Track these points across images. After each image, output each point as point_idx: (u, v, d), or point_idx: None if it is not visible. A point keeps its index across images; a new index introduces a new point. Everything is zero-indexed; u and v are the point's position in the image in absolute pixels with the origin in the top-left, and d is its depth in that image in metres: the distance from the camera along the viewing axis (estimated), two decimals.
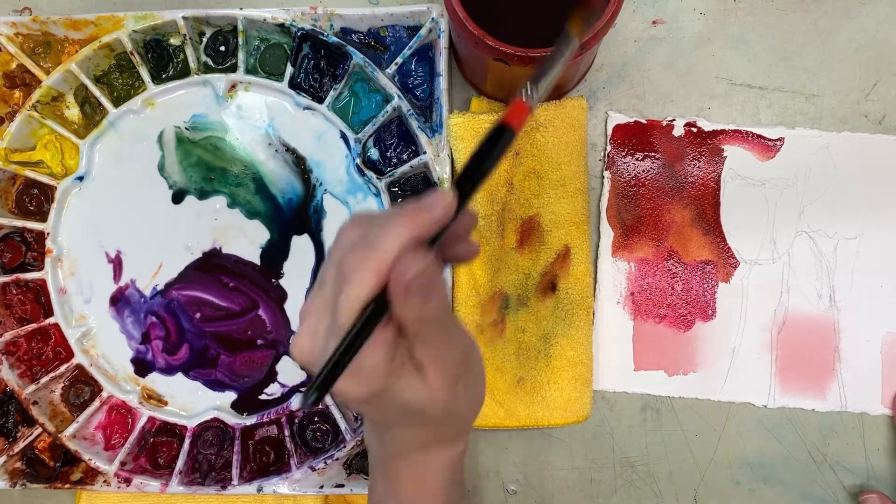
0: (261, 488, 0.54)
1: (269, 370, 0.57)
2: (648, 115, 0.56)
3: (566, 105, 0.53)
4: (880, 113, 0.56)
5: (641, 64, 0.57)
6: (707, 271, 0.55)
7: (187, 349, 0.57)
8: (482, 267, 0.55)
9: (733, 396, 0.55)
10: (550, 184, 0.53)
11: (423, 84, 0.55)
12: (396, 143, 0.56)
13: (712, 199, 0.56)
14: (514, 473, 0.56)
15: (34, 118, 0.56)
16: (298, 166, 0.57)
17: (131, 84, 0.57)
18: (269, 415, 0.56)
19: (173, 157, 0.58)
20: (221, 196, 0.57)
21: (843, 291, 0.55)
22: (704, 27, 0.56)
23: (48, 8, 0.60)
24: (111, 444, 0.56)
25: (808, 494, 0.55)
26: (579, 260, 0.54)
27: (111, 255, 0.58)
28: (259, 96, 0.57)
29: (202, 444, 0.56)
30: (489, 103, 0.56)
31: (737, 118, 0.56)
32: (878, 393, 0.54)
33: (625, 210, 0.56)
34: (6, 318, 0.57)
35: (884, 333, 0.55)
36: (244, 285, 0.57)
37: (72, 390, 0.57)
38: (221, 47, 0.57)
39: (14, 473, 0.56)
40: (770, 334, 0.55)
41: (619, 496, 0.55)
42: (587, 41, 0.43)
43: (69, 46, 0.57)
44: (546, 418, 0.54)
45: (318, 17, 0.54)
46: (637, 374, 0.55)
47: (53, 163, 0.58)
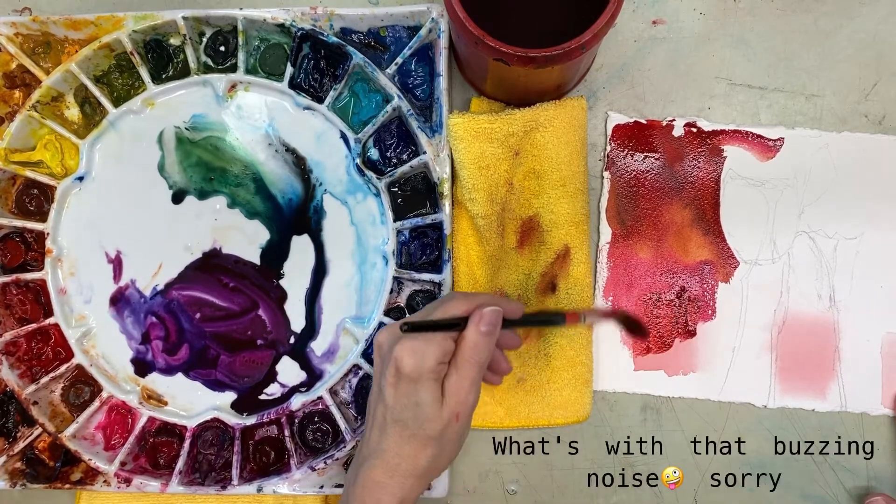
0: (261, 488, 0.54)
1: (269, 370, 0.57)
2: (648, 115, 0.56)
3: (566, 105, 0.53)
4: (880, 113, 0.56)
5: (641, 64, 0.56)
6: (707, 271, 0.55)
7: (187, 349, 0.57)
8: (482, 267, 0.55)
9: (733, 396, 0.55)
10: (550, 184, 0.53)
11: (423, 84, 0.55)
12: (396, 143, 0.56)
13: (712, 199, 0.56)
14: (514, 473, 0.56)
15: (34, 118, 0.56)
16: (298, 166, 0.57)
17: (131, 84, 0.57)
18: (269, 415, 0.56)
19: (173, 157, 0.58)
20: (221, 196, 0.57)
21: (843, 292, 0.55)
22: (704, 27, 0.56)
23: (48, 8, 0.60)
24: (111, 444, 0.56)
25: (808, 494, 0.55)
26: (579, 260, 0.54)
27: (111, 255, 0.58)
28: (259, 96, 0.57)
29: (202, 444, 0.56)
30: (489, 103, 0.56)
31: (737, 118, 0.56)
32: (878, 393, 0.54)
33: (625, 210, 0.56)
34: (6, 318, 0.57)
35: (884, 333, 0.55)
36: (244, 285, 0.57)
37: (72, 390, 0.57)
38: (221, 47, 0.57)
39: (14, 473, 0.56)
40: (770, 334, 0.55)
41: (619, 496, 0.55)
42: (587, 41, 0.43)
43: (69, 46, 0.57)
44: (546, 418, 0.54)
45: (318, 17, 0.54)
46: (637, 374, 0.55)
47: (53, 163, 0.58)
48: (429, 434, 0.42)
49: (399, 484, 0.43)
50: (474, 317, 0.43)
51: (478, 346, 0.42)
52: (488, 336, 0.43)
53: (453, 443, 0.44)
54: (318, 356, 0.56)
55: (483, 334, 0.42)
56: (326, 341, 0.56)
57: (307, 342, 0.57)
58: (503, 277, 0.55)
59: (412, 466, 0.43)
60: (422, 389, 0.42)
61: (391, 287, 0.55)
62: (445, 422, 0.42)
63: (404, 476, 0.43)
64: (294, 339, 0.57)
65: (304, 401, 0.55)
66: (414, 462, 0.43)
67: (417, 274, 0.54)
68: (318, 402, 0.55)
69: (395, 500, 0.43)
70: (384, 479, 0.43)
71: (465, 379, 0.42)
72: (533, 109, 0.52)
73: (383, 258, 0.56)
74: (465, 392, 0.42)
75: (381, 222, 0.56)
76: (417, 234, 0.55)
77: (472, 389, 0.43)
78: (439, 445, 0.43)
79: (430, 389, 0.42)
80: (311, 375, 0.56)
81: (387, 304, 0.55)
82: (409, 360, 0.41)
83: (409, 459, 0.43)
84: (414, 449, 0.42)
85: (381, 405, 0.43)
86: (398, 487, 0.43)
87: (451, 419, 0.42)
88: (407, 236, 0.55)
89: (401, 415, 0.42)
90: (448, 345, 0.43)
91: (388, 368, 0.42)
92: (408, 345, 0.42)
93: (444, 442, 0.43)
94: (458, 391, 0.42)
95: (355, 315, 0.56)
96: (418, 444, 0.42)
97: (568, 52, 0.43)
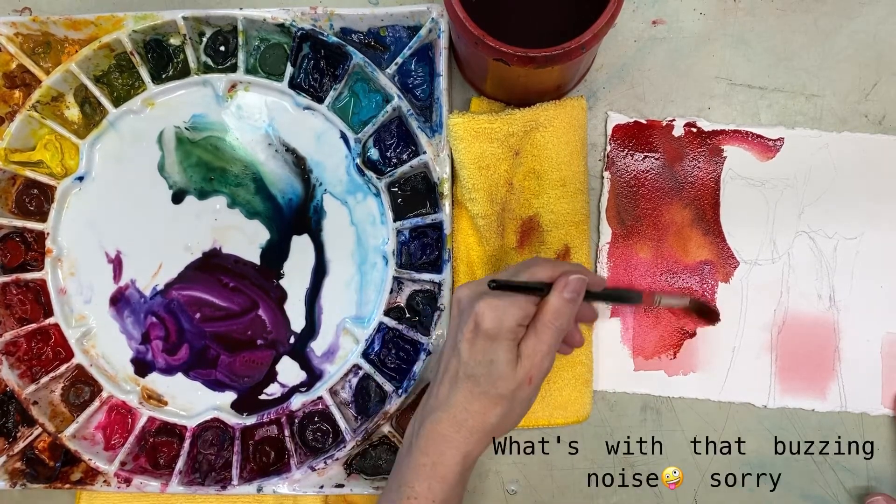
0: (261, 488, 0.54)
1: (269, 370, 0.57)
2: (648, 115, 0.56)
3: (566, 105, 0.53)
4: (880, 113, 0.56)
5: (641, 64, 0.56)
6: (707, 271, 0.55)
7: (187, 349, 0.57)
8: (482, 267, 0.55)
9: (733, 396, 0.55)
10: (550, 184, 0.53)
11: (423, 84, 0.55)
12: (396, 143, 0.56)
13: (712, 199, 0.56)
14: (514, 473, 0.56)
15: (34, 118, 0.56)
16: (298, 166, 0.57)
17: (131, 84, 0.57)
18: (269, 415, 0.56)
19: (173, 157, 0.58)
20: (221, 196, 0.57)
21: (842, 292, 0.55)
22: (704, 27, 0.56)
23: (48, 8, 0.60)
24: (111, 444, 0.56)
25: (808, 494, 0.55)
26: (579, 260, 0.54)
27: (111, 255, 0.58)
28: (259, 96, 0.57)
29: (202, 444, 0.56)
30: (489, 103, 0.56)
31: (737, 118, 0.56)
32: (878, 393, 0.54)
33: (624, 210, 0.56)
34: (6, 318, 0.57)
35: (884, 333, 0.55)
36: (244, 285, 0.57)
37: (72, 390, 0.57)
38: (221, 47, 0.57)
39: (14, 473, 0.56)
40: (770, 334, 0.55)
41: (619, 496, 0.55)
42: (587, 41, 0.43)
43: (69, 46, 0.57)
44: (546, 418, 0.54)
45: (318, 17, 0.54)
46: (637, 374, 0.55)
47: (53, 163, 0.58)
48: (500, 392, 0.42)
49: (464, 439, 0.43)
50: (559, 283, 0.43)
51: (560, 312, 0.42)
52: (571, 303, 0.43)
53: (522, 405, 0.43)
54: (318, 356, 0.56)
55: (566, 301, 0.42)
56: (326, 341, 0.56)
57: (307, 342, 0.57)
58: None
59: (480, 423, 0.42)
60: (499, 348, 0.42)
61: (391, 287, 0.55)
62: (518, 383, 0.42)
63: (470, 431, 0.43)
64: (294, 339, 0.57)
65: (304, 401, 0.55)
66: (483, 419, 0.42)
67: (417, 274, 0.54)
68: (318, 402, 0.55)
69: (458, 455, 0.43)
70: (450, 433, 0.43)
71: (542, 343, 0.42)
72: (533, 109, 0.52)
73: (383, 258, 0.56)
74: (541, 356, 0.42)
75: (381, 222, 0.56)
76: (417, 234, 0.55)
77: (548, 354, 0.43)
78: (509, 405, 0.43)
79: (507, 349, 0.42)
80: (311, 375, 0.56)
81: (387, 304, 0.55)
82: (491, 317, 0.42)
83: (478, 416, 0.42)
84: (483, 406, 0.42)
85: (454, 359, 0.43)
86: (463, 442, 0.43)
87: (524, 381, 0.42)
88: (407, 236, 0.55)
89: (474, 370, 0.42)
90: (530, 308, 0.43)
91: (467, 324, 0.42)
92: (491, 302, 0.42)
93: (514, 403, 0.43)
94: (534, 354, 0.42)
95: (355, 315, 0.56)
96: (488, 401, 0.42)
97: (568, 52, 0.43)
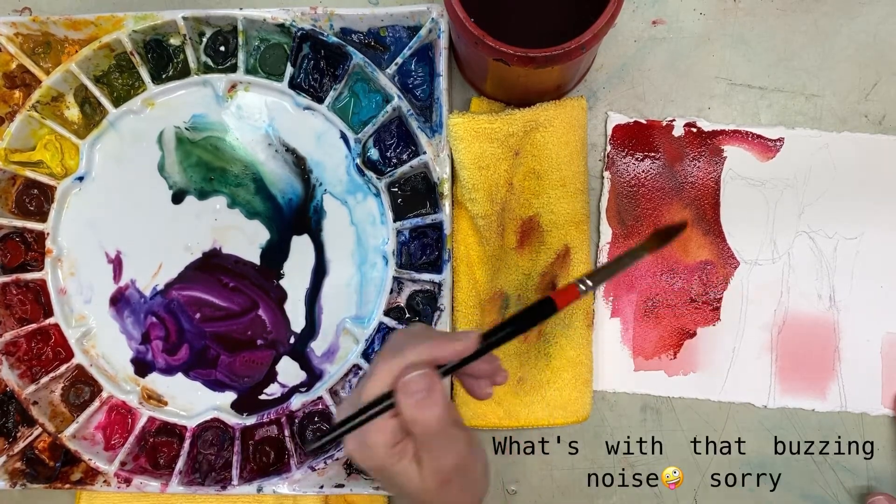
0: (261, 488, 0.54)
1: (268, 370, 0.57)
2: (648, 116, 0.56)
3: (566, 105, 0.53)
4: (880, 113, 0.56)
5: (641, 64, 0.56)
6: (707, 271, 0.55)
7: (187, 349, 0.57)
8: (482, 267, 0.55)
9: (733, 396, 0.55)
10: (550, 184, 0.53)
11: (423, 84, 0.55)
12: (396, 144, 0.56)
13: (712, 200, 0.56)
14: (514, 473, 0.56)
15: (34, 118, 0.56)
16: (298, 166, 0.57)
17: (131, 84, 0.57)
18: (269, 415, 0.56)
19: (173, 158, 0.58)
20: (221, 196, 0.57)
21: (843, 292, 0.55)
22: (704, 27, 0.56)
23: (48, 8, 0.60)
24: (111, 445, 0.56)
25: (808, 494, 0.55)
26: (579, 260, 0.54)
27: (111, 255, 0.58)
28: (259, 96, 0.57)
29: (202, 444, 0.56)
30: (489, 103, 0.56)
31: (737, 118, 0.56)
32: (878, 393, 0.54)
33: (625, 210, 0.56)
34: (6, 318, 0.57)
35: (884, 333, 0.55)
36: (244, 285, 0.57)
37: (72, 390, 0.57)
38: (221, 47, 0.57)
39: (14, 473, 0.56)
40: (770, 334, 0.55)
41: (619, 496, 0.55)
42: (587, 41, 0.43)
43: (69, 46, 0.57)
44: (546, 418, 0.54)
45: (318, 18, 0.54)
46: (637, 374, 0.55)
47: (53, 163, 0.58)
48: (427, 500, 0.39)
49: None
50: (398, 389, 0.37)
51: (417, 420, 0.37)
52: (422, 405, 0.36)
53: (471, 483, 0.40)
54: (318, 356, 0.56)
55: (415, 406, 0.36)
56: (326, 341, 0.56)
57: (307, 342, 0.57)
58: (503, 278, 0.55)
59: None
60: (393, 476, 0.38)
61: (391, 287, 0.55)
62: (435, 491, 0.38)
63: None
64: (294, 339, 0.57)
65: (304, 401, 0.55)
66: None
67: (417, 274, 0.54)
68: (318, 402, 0.55)
69: None
70: None
71: (428, 451, 0.38)
72: (533, 109, 0.52)
73: (383, 258, 0.56)
74: (437, 461, 0.38)
75: (381, 222, 0.56)
76: (417, 234, 0.55)
77: (442, 455, 0.38)
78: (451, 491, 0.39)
79: (400, 473, 0.38)
80: (311, 375, 0.56)
81: (387, 304, 0.55)
82: (361, 457, 0.38)
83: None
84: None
85: None
86: None
87: (442, 485, 0.38)
88: (407, 236, 0.55)
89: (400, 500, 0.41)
90: (391, 423, 0.37)
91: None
92: (351, 445, 0.38)
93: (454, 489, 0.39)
94: (430, 462, 0.38)
95: (355, 315, 0.56)
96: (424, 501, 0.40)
97: (568, 52, 0.43)
